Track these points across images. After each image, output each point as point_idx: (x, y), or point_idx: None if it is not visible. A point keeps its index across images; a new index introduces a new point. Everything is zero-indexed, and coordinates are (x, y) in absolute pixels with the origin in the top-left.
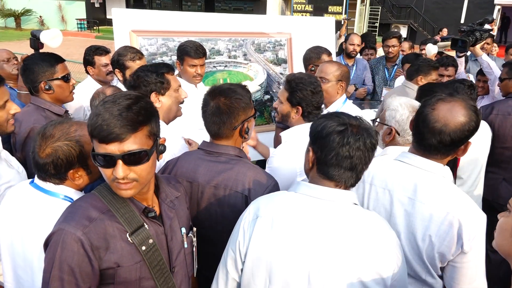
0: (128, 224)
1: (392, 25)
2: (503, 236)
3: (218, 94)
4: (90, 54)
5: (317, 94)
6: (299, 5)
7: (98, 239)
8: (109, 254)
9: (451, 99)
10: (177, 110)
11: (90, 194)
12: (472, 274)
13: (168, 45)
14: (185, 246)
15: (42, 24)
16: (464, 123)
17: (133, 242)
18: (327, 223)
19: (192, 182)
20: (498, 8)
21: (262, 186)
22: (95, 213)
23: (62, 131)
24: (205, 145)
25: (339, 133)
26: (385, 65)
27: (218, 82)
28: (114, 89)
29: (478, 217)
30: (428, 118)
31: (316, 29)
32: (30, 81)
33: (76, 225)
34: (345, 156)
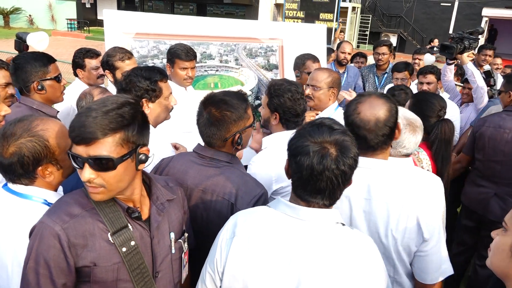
0: (110, 223)
1: (382, 34)
2: (500, 257)
3: (210, 104)
4: (80, 57)
5: (295, 101)
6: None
7: (76, 236)
8: (86, 252)
9: (364, 98)
10: (165, 116)
11: (78, 190)
12: (438, 260)
13: (159, 48)
14: (173, 252)
15: (31, 23)
16: (389, 108)
17: (114, 242)
18: (306, 245)
19: (181, 185)
20: (485, 20)
21: (249, 195)
22: (78, 209)
23: (23, 128)
24: (199, 148)
25: (312, 155)
26: (375, 73)
27: (209, 86)
28: (101, 90)
29: (432, 203)
30: (359, 123)
31: (308, 35)
32: (21, 81)
33: (56, 220)
34: (316, 180)
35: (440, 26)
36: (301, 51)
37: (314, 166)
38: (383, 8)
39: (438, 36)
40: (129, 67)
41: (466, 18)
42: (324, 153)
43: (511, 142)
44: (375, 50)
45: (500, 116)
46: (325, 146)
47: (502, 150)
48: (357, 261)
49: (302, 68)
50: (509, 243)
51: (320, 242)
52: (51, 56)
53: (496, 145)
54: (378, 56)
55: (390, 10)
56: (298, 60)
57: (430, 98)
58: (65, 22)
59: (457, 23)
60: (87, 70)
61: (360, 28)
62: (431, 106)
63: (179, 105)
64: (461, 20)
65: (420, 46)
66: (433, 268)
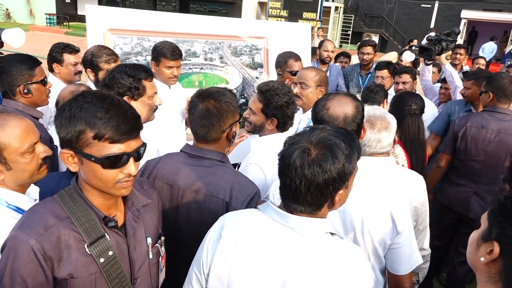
0: (87, 234)
1: (364, 34)
2: (470, 249)
3: (208, 96)
4: (58, 51)
5: (292, 104)
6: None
7: (52, 248)
8: (62, 265)
9: (332, 96)
10: (148, 116)
11: (51, 199)
12: (409, 251)
13: (143, 45)
14: (150, 257)
15: (8, 17)
16: (356, 105)
17: (90, 253)
18: (292, 253)
19: (172, 185)
20: (464, 22)
21: (243, 193)
22: (52, 220)
23: None
24: (188, 148)
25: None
26: (359, 73)
27: (194, 84)
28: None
29: (402, 196)
30: (327, 119)
31: (293, 34)
32: (6, 84)
33: (30, 233)
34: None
35: (420, 27)
36: (285, 50)
37: (289, 167)
38: (365, 9)
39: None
40: None
41: (446, 19)
42: (302, 155)
43: (493, 142)
44: (359, 50)
45: (482, 116)
46: (306, 147)
47: (484, 150)
48: (345, 273)
49: (284, 66)
50: (476, 236)
51: (306, 252)
52: (36, 58)
53: (478, 145)
54: (362, 56)
55: (372, 10)
56: (280, 59)
57: (403, 95)
58: (44, 17)
59: (437, 24)
60: (64, 65)
61: (342, 27)
62: (401, 101)
63: (163, 104)
64: (441, 22)
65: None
66: (405, 260)
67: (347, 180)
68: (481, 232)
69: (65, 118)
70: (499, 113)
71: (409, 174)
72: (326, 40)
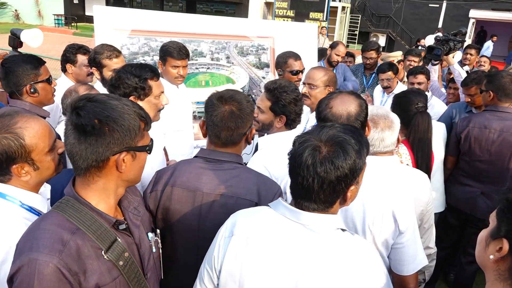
0: (101, 241)
1: (371, 34)
2: (479, 247)
3: (230, 99)
4: (72, 52)
5: (300, 101)
6: (281, 10)
7: (75, 262)
8: (88, 276)
9: (335, 95)
10: (154, 116)
11: (50, 214)
12: (413, 251)
13: (150, 45)
14: (153, 251)
15: (17, 18)
16: (359, 104)
17: (109, 259)
18: (305, 250)
19: (195, 192)
20: (472, 21)
21: (271, 192)
22: (66, 234)
23: (2, 124)
24: (205, 152)
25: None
26: (363, 73)
27: (200, 84)
28: (87, 87)
29: (405, 196)
30: (331, 117)
31: (299, 34)
32: (13, 85)
33: (50, 252)
34: (309, 187)
35: (428, 27)
36: (292, 50)
37: (301, 166)
38: (372, 8)
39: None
40: (116, 65)
41: (454, 19)
42: (313, 153)
43: (497, 142)
44: (363, 54)
45: (484, 116)
46: (317, 145)
47: (489, 150)
48: (357, 268)
49: (284, 66)
50: (485, 235)
51: (318, 248)
52: (40, 58)
53: (482, 145)
54: (366, 60)
55: (379, 10)
56: (280, 59)
57: (407, 94)
58: (52, 17)
59: (445, 24)
60: (77, 66)
61: (349, 27)
62: (408, 101)
63: (171, 103)
64: (449, 21)
65: (408, 46)
66: (409, 260)
67: (358, 176)
68: (490, 230)
69: (123, 125)
70: (501, 112)
71: (413, 173)
72: (340, 43)
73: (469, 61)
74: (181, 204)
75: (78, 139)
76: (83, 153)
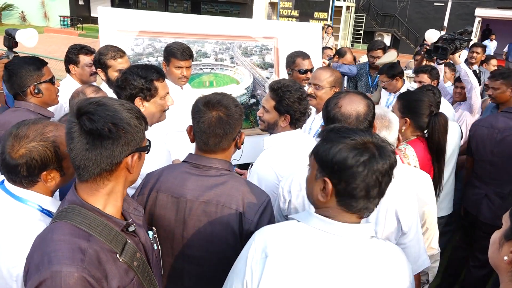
0: (114, 245)
1: (376, 33)
2: (492, 249)
3: (217, 104)
4: (74, 53)
5: (304, 100)
6: (285, 10)
7: (97, 269)
8: (110, 281)
9: (343, 95)
10: (160, 116)
11: (58, 225)
12: (416, 252)
13: (154, 46)
14: (155, 248)
15: (23, 19)
16: (367, 104)
17: (124, 261)
18: (345, 262)
19: (179, 198)
20: (478, 20)
21: (257, 203)
22: (82, 242)
23: (37, 132)
24: (192, 158)
25: (365, 161)
26: (368, 72)
27: (204, 84)
28: (94, 89)
29: (409, 197)
30: (340, 117)
31: (303, 34)
32: (17, 86)
33: (72, 263)
34: (373, 185)
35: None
36: (296, 50)
37: (375, 168)
38: (377, 8)
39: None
40: (121, 65)
41: (459, 18)
42: (375, 154)
43: (500, 143)
44: (369, 53)
45: (495, 116)
46: (371, 145)
47: (492, 151)
48: (394, 275)
49: (292, 65)
50: (499, 236)
51: (357, 258)
52: (42, 59)
53: (486, 145)
54: (372, 59)
55: (384, 9)
56: (289, 58)
57: (420, 97)
58: (58, 19)
59: (450, 23)
60: (80, 66)
61: (354, 27)
62: (422, 104)
63: (174, 104)
64: (454, 20)
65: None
66: (411, 261)
67: None
68: (503, 232)
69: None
70: None
71: (416, 173)
72: (348, 50)
73: (475, 59)
74: (165, 210)
75: (92, 144)
76: (97, 158)
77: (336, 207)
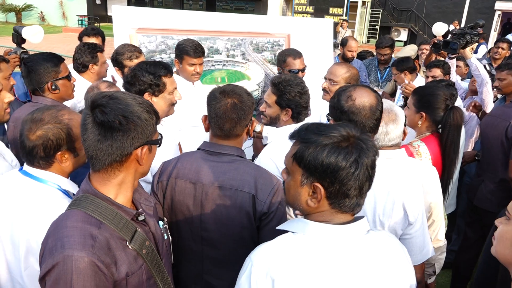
0: (124, 232)
1: (392, 28)
2: (504, 245)
3: (232, 92)
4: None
5: (305, 94)
6: (300, 6)
7: (107, 255)
8: (119, 267)
9: (351, 88)
10: (168, 110)
11: (72, 212)
12: (421, 242)
13: (167, 43)
14: (165, 238)
15: (42, 19)
16: (376, 96)
17: (134, 249)
18: (352, 264)
19: (195, 183)
20: (498, 14)
21: (269, 185)
22: (94, 229)
23: (51, 115)
24: (206, 145)
25: (356, 159)
26: (377, 67)
27: (216, 80)
28: (108, 84)
29: (415, 189)
30: (354, 110)
31: (315, 30)
32: (35, 82)
33: (83, 248)
34: (365, 180)
35: (452, 20)
36: (307, 46)
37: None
38: (393, 2)
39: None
40: None
41: (479, 12)
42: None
43: (495, 128)
44: (377, 50)
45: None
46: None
47: (488, 137)
48: (395, 262)
49: (283, 65)
50: (510, 233)
51: (361, 256)
52: (60, 56)
53: (487, 132)
54: (380, 56)
55: (400, 4)
56: (280, 57)
57: (435, 91)
58: (76, 18)
59: (469, 17)
60: (99, 64)
61: (370, 22)
62: (438, 98)
63: (186, 100)
64: (473, 14)
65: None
66: (416, 250)
67: None
68: None
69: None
70: None
71: (422, 166)
72: (350, 38)
73: (499, 55)
74: (184, 196)
75: (103, 135)
76: (108, 149)
77: (329, 210)
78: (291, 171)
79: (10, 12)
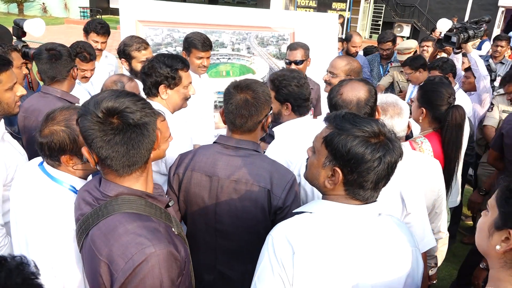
0: (167, 221)
1: (395, 24)
2: (481, 236)
3: (245, 87)
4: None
5: (302, 87)
6: (303, 1)
7: (172, 243)
8: (180, 251)
9: (345, 82)
10: (182, 104)
11: (119, 216)
12: (420, 231)
13: (173, 36)
14: None
15: (44, 11)
16: (368, 90)
17: (178, 233)
18: (365, 242)
19: (211, 177)
20: (502, 10)
21: (283, 181)
22: (151, 224)
23: (64, 117)
24: (223, 139)
25: (380, 156)
26: (380, 62)
27: (221, 74)
28: (129, 78)
29: (413, 179)
30: (341, 103)
31: (320, 25)
32: (57, 71)
33: (159, 242)
34: (383, 177)
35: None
36: (312, 40)
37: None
38: None
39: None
40: (145, 57)
41: (482, 8)
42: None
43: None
44: (379, 46)
45: None
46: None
47: None
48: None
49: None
50: (488, 224)
51: (374, 236)
52: None
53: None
54: (382, 51)
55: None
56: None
57: (437, 87)
58: (78, 10)
59: (473, 13)
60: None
61: (373, 18)
62: (440, 95)
63: None
64: (477, 10)
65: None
66: (417, 239)
67: None
68: (493, 221)
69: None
70: None
71: (424, 159)
72: (354, 33)
73: (499, 53)
74: (199, 188)
75: (134, 145)
76: (142, 151)
77: (343, 195)
78: (317, 151)
79: (12, 3)
